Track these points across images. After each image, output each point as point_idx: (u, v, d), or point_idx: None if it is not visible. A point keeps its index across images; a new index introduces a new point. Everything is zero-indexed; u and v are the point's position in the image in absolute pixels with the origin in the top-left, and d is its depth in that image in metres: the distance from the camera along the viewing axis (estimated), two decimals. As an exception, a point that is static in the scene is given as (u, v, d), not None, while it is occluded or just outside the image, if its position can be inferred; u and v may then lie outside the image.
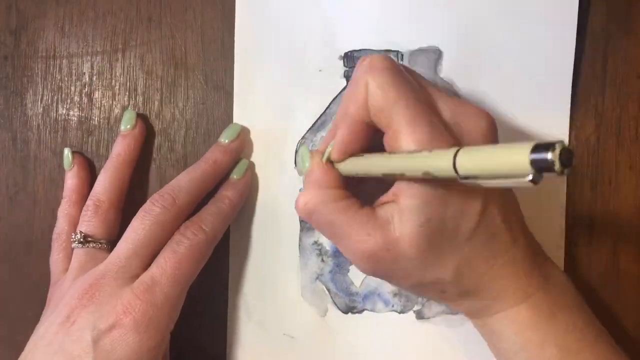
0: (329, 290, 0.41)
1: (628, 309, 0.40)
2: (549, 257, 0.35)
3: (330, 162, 0.34)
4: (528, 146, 0.21)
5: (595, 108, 0.40)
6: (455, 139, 0.30)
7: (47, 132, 0.43)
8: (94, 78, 0.43)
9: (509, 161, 0.22)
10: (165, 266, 0.35)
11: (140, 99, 0.42)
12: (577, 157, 0.40)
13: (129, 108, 0.42)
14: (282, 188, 0.41)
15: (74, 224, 0.40)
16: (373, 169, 0.31)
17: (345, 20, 0.40)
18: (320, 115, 0.41)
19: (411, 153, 0.29)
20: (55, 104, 0.43)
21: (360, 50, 0.40)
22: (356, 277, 0.41)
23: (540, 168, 0.21)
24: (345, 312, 0.41)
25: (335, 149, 0.33)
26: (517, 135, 0.40)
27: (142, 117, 0.42)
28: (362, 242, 0.31)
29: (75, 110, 0.43)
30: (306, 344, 0.41)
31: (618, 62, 0.40)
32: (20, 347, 0.43)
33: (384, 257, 0.31)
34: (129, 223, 0.37)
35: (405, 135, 0.29)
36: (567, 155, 0.21)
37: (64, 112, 0.43)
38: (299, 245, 0.41)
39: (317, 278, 0.41)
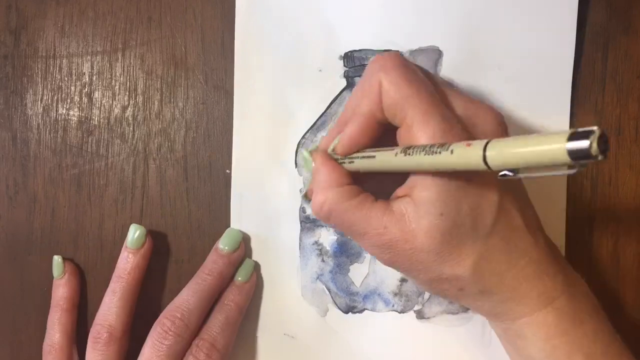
0: (329, 290, 0.41)
1: (628, 309, 0.40)
2: (567, 262, 0.34)
3: (334, 159, 0.34)
4: (564, 135, 0.21)
5: (595, 108, 0.40)
6: (467, 134, 0.31)
7: (47, 132, 0.43)
8: (94, 78, 0.43)
9: (544, 150, 0.22)
10: None
11: (140, 98, 0.42)
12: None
13: (136, 225, 0.40)
14: (282, 188, 0.41)
15: (68, 334, 0.40)
16: (384, 165, 0.31)
17: (345, 20, 0.40)
18: (321, 116, 0.41)
19: (427, 147, 0.28)
20: (55, 104, 0.43)
21: (360, 50, 0.40)
22: (356, 277, 0.41)
23: (578, 156, 0.20)
24: (346, 312, 0.41)
25: (343, 143, 0.33)
26: (517, 134, 0.40)
27: (149, 234, 0.41)
28: (379, 235, 0.31)
29: (75, 110, 0.43)
30: (307, 344, 0.41)
31: (618, 61, 0.40)
32: (20, 347, 0.43)
33: (403, 249, 0.31)
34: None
35: (419, 129, 0.30)
36: (604, 140, 0.20)
37: (64, 112, 0.43)
38: (299, 245, 0.41)
39: (317, 278, 0.41)
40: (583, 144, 0.20)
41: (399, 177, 0.32)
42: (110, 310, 0.39)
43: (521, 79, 0.40)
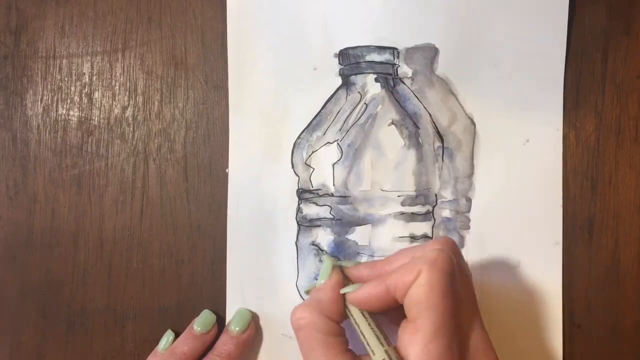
0: (327, 290, 0.41)
1: (628, 309, 0.40)
2: None
3: (341, 293, 0.34)
4: None
5: (595, 108, 0.40)
6: None
7: (47, 132, 0.43)
8: (94, 78, 0.43)
9: None
10: None
11: (140, 99, 0.42)
12: (577, 156, 0.40)
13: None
14: (279, 187, 0.41)
15: None
16: (364, 334, 0.33)
17: (340, 17, 0.40)
18: (316, 115, 0.41)
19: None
20: (55, 104, 0.43)
21: (355, 47, 0.40)
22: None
23: None
24: (344, 312, 0.41)
25: (356, 297, 0.33)
26: (512, 130, 0.40)
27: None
28: None
29: (75, 110, 0.43)
30: (305, 344, 0.41)
31: (618, 62, 0.40)
32: (20, 347, 0.43)
33: None
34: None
35: (419, 342, 0.29)
36: None
37: (64, 112, 0.43)
38: (297, 245, 0.41)
39: (315, 278, 0.41)
40: None
41: None
42: None
43: (515, 77, 0.40)
